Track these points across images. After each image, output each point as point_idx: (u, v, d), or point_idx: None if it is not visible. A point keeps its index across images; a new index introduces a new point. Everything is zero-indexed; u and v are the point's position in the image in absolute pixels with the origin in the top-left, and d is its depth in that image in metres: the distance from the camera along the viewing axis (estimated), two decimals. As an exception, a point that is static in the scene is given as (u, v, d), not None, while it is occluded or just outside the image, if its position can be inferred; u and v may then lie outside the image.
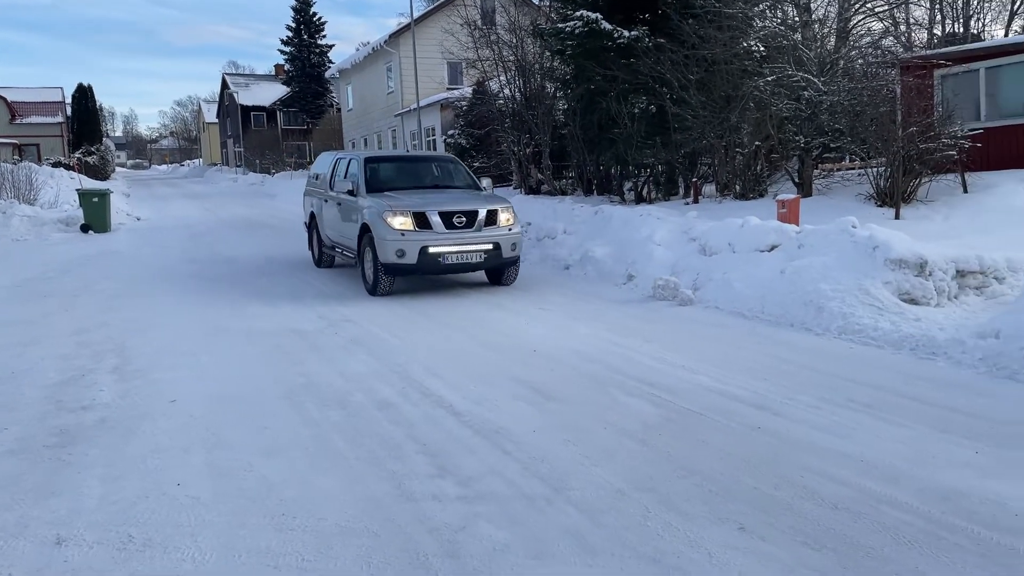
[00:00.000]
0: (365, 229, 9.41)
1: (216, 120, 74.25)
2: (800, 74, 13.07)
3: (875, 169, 12.12)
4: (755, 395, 5.30)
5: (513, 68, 20.45)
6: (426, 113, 28.36)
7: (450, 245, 9.03)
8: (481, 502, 3.75)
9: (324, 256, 11.87)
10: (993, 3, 23.89)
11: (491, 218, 9.33)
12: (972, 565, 3.08)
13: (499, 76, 21.12)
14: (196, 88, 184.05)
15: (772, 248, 8.71)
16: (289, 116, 56.46)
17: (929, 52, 15.07)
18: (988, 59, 13.28)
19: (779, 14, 15.14)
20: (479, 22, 22.51)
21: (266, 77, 65.72)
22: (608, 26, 14.86)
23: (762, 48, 14.34)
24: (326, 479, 4.05)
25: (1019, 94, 12.94)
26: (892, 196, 11.22)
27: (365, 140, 38.55)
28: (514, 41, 20.09)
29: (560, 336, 7.23)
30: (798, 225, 9.26)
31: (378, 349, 6.84)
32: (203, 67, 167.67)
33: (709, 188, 15.57)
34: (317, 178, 12.33)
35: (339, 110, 46.06)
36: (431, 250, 8.96)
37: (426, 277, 10.31)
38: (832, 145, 14.11)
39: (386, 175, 10.38)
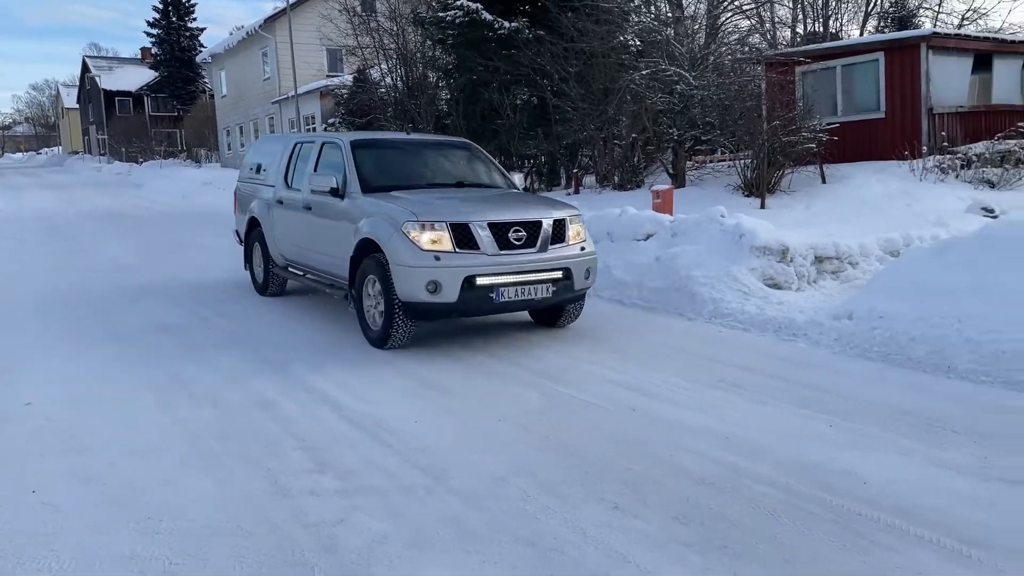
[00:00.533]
0: (367, 248, 6.47)
1: (77, 105, 69.78)
2: (673, 68, 13.54)
3: (743, 161, 12.72)
4: (631, 379, 5.46)
5: (394, 56, 20.25)
6: (305, 100, 27.66)
7: (507, 273, 6.16)
8: (360, 495, 3.70)
9: (274, 279, 8.65)
10: (849, 4, 25.49)
11: (558, 232, 6.52)
12: (825, 532, 3.30)
13: (380, 64, 20.85)
14: (54, 71, 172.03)
15: (648, 237, 8.99)
16: (158, 102, 53.75)
17: (791, 50, 15.92)
18: (844, 57, 14.18)
19: (653, 10, 15.62)
20: (358, 8, 22.13)
21: (132, 61, 62.26)
22: (489, 16, 14.93)
23: (638, 43, 14.78)
24: (196, 479, 3.90)
25: (871, 91, 13.88)
26: (758, 187, 11.81)
27: (241, 128, 37.23)
28: (395, 29, 19.89)
29: (442, 325, 7.22)
30: (672, 215, 9.62)
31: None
32: (62, 49, 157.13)
33: (589, 179, 15.94)
34: (259, 171, 9.13)
35: (212, 96, 44.21)
36: (480, 281, 6.05)
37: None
38: (703, 138, 14.72)
39: (387, 167, 7.43)
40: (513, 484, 3.80)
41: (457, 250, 6.09)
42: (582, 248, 6.66)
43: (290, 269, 8.25)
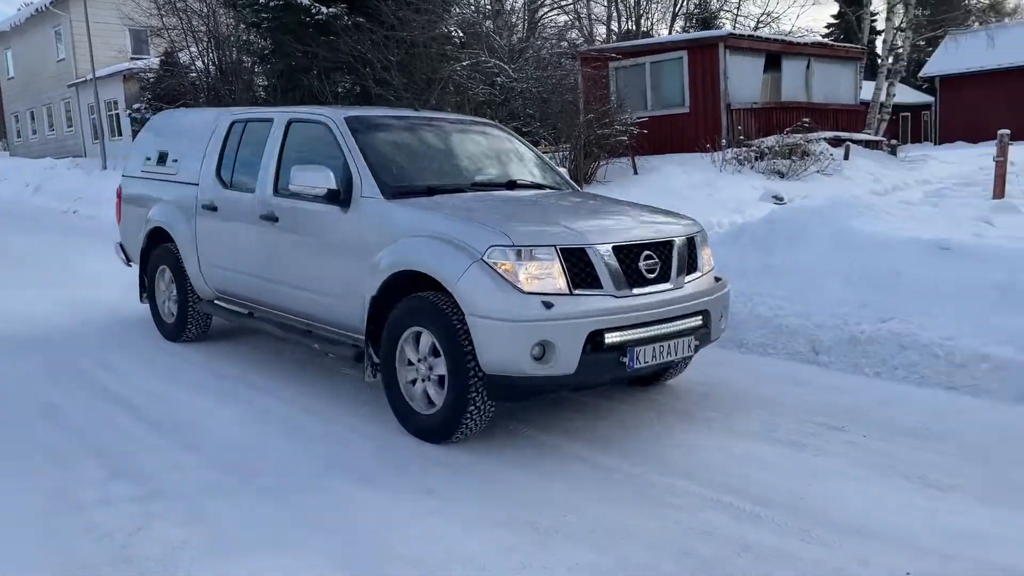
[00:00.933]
0: (404, 284, 4.19)
1: None
2: (493, 61, 13.75)
3: (562, 153, 13.15)
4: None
5: (206, 39, 19.21)
6: (106, 84, 25.65)
7: (644, 324, 4.00)
8: (159, 501, 3.49)
9: (195, 318, 6.13)
10: (659, 4, 26.97)
11: (690, 256, 4.48)
12: (627, 501, 3.48)
13: (190, 47, 19.72)
14: None
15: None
16: (-69, 83, 47.87)
17: (605, 46, 16.62)
18: (652, 55, 14.98)
19: (473, 2, 15.78)
20: (163, -13, 20.74)
21: None
22: (305, 1, 14.48)
23: (461, 34, 14.87)
24: (-31, 497, 3.53)
25: (676, 87, 14.78)
26: (576, 177, 12.25)
27: (32, 113, 34.07)
28: (205, 10, 18.86)
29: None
30: (493, 204, 9.76)
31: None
32: None
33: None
34: (163, 161, 6.45)
35: (-2, 78, 40.01)
36: (610, 339, 3.87)
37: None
38: (525, 129, 15.05)
39: (411, 160, 5.09)
40: (324, 481, 3.73)
41: (572, 291, 3.87)
42: (716, 279, 4.67)
43: (220, 303, 5.90)
